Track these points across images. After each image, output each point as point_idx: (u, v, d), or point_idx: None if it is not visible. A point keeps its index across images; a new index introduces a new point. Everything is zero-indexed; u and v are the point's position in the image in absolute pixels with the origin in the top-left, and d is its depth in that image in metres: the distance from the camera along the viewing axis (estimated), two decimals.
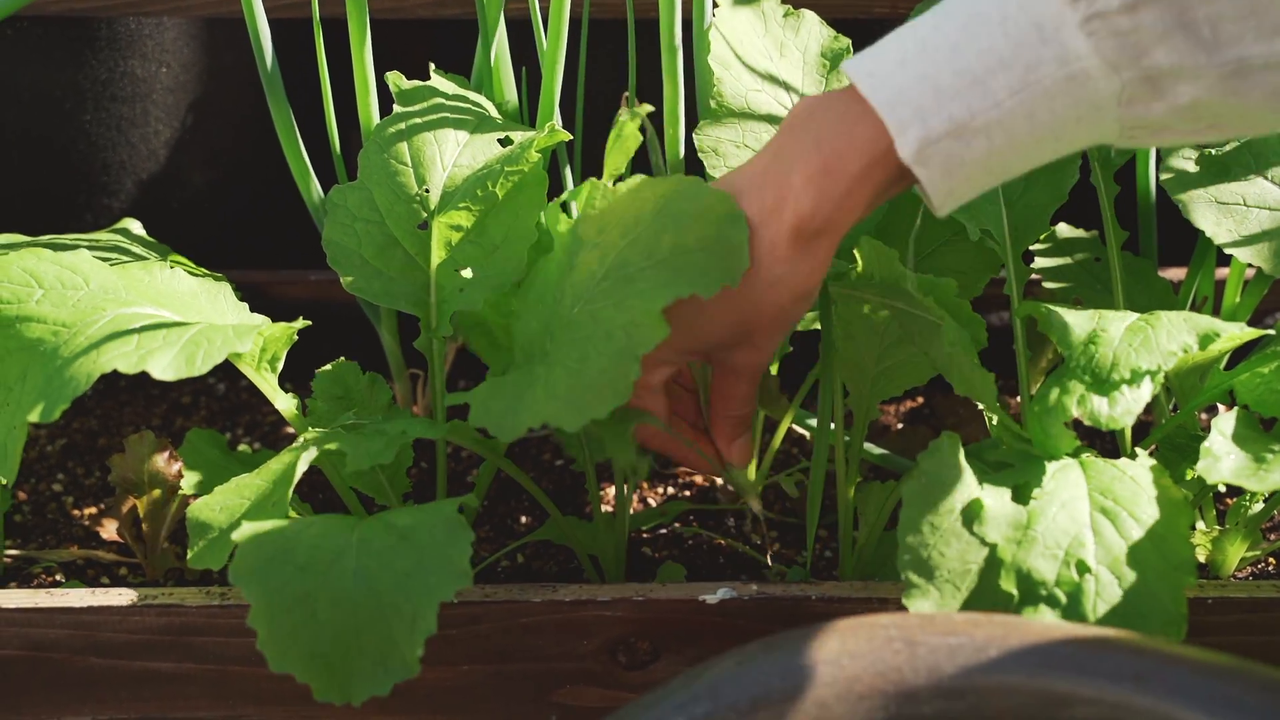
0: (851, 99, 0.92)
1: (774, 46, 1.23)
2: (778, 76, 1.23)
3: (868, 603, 1.05)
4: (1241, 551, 1.22)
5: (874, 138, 0.91)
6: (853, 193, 0.93)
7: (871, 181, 0.93)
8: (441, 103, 1.18)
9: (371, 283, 1.15)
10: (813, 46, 1.24)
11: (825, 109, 0.94)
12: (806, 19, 1.24)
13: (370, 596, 0.93)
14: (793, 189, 0.94)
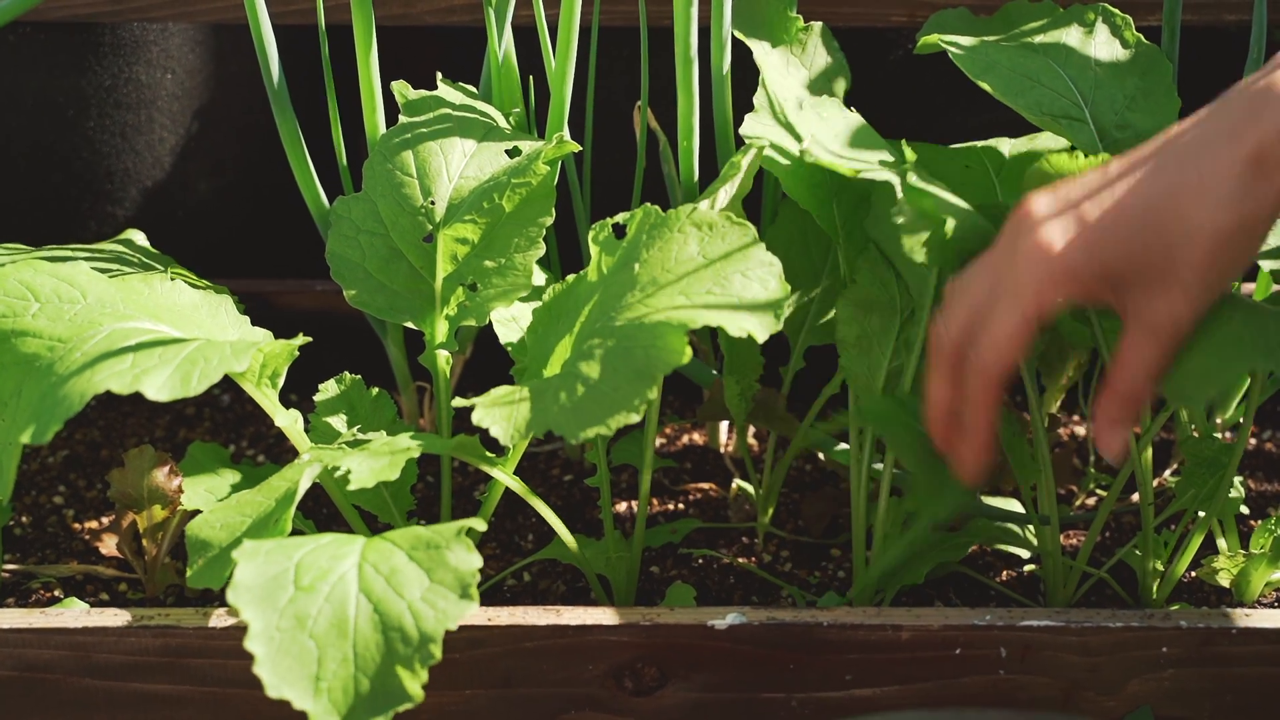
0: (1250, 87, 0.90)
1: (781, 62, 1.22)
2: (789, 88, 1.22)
3: (880, 629, 1.03)
4: (1266, 576, 1.19)
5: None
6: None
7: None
8: (448, 113, 1.16)
9: (375, 297, 1.13)
10: (818, 62, 1.24)
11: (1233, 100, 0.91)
12: (811, 34, 1.23)
13: (372, 621, 0.90)
14: (1260, 116, 0.88)
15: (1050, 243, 0.92)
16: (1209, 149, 0.90)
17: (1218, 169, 0.89)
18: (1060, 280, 0.92)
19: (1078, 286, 0.92)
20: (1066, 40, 1.19)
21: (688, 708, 1.05)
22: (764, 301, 0.97)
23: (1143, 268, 0.91)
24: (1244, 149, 0.88)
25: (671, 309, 0.97)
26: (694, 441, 1.46)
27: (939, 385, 0.99)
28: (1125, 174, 0.93)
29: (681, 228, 1.02)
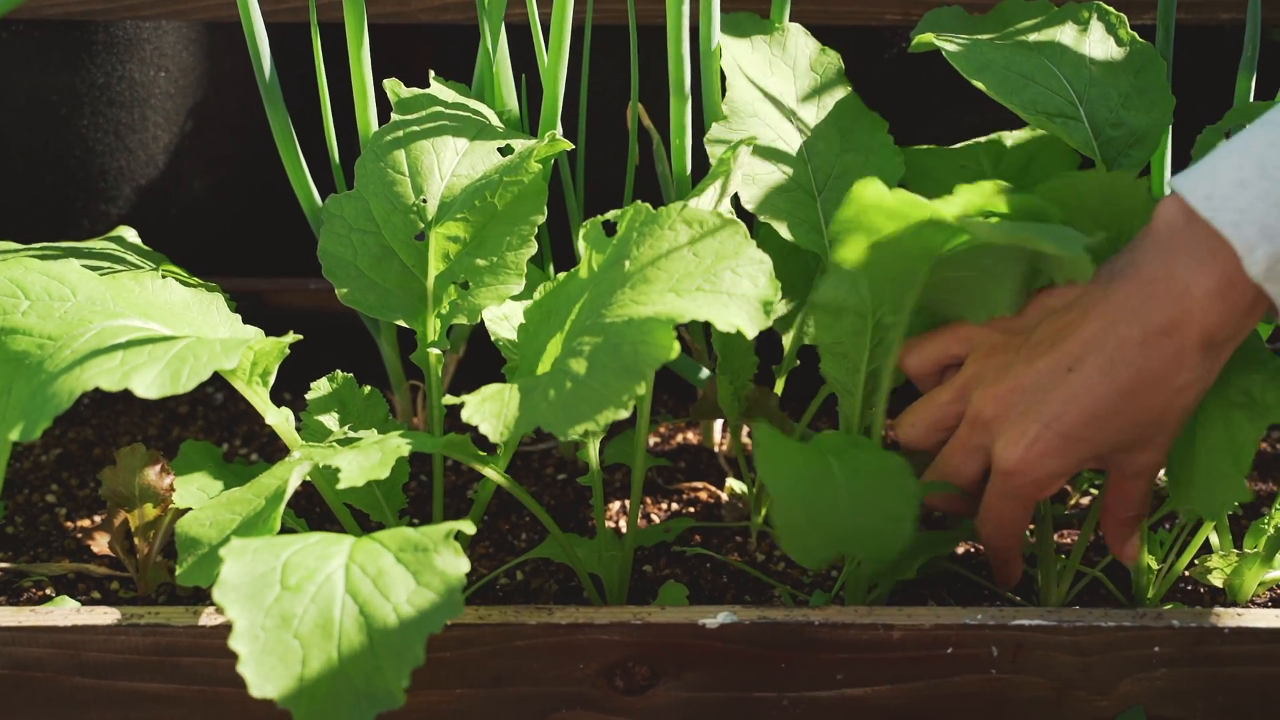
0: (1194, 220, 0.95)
1: (764, 61, 1.23)
2: (773, 86, 1.22)
3: (872, 628, 1.02)
4: (1260, 576, 1.18)
5: (1223, 259, 0.93)
6: (1255, 309, 0.95)
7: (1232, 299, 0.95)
8: (440, 111, 1.15)
9: (367, 295, 1.13)
10: (802, 60, 1.24)
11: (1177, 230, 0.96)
12: (791, 33, 1.24)
13: (357, 622, 0.90)
14: (1198, 303, 0.95)
15: (1029, 461, 1.01)
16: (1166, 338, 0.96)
17: (1172, 361, 0.97)
18: (1046, 486, 1.03)
19: (1062, 481, 1.03)
20: (1061, 38, 1.19)
21: (679, 707, 1.05)
22: (754, 298, 0.97)
23: (1118, 449, 1.02)
24: (1191, 338, 0.96)
25: (661, 305, 0.97)
26: (688, 441, 1.46)
27: None
28: (1073, 366, 0.99)
29: (672, 225, 1.01)
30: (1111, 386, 0.98)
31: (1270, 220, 0.91)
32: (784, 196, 1.19)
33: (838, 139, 1.23)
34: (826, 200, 1.21)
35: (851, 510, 1.02)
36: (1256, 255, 0.91)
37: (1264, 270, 0.92)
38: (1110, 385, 0.98)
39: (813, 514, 1.01)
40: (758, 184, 1.19)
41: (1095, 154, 1.15)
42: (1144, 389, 0.98)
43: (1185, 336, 0.96)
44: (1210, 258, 0.94)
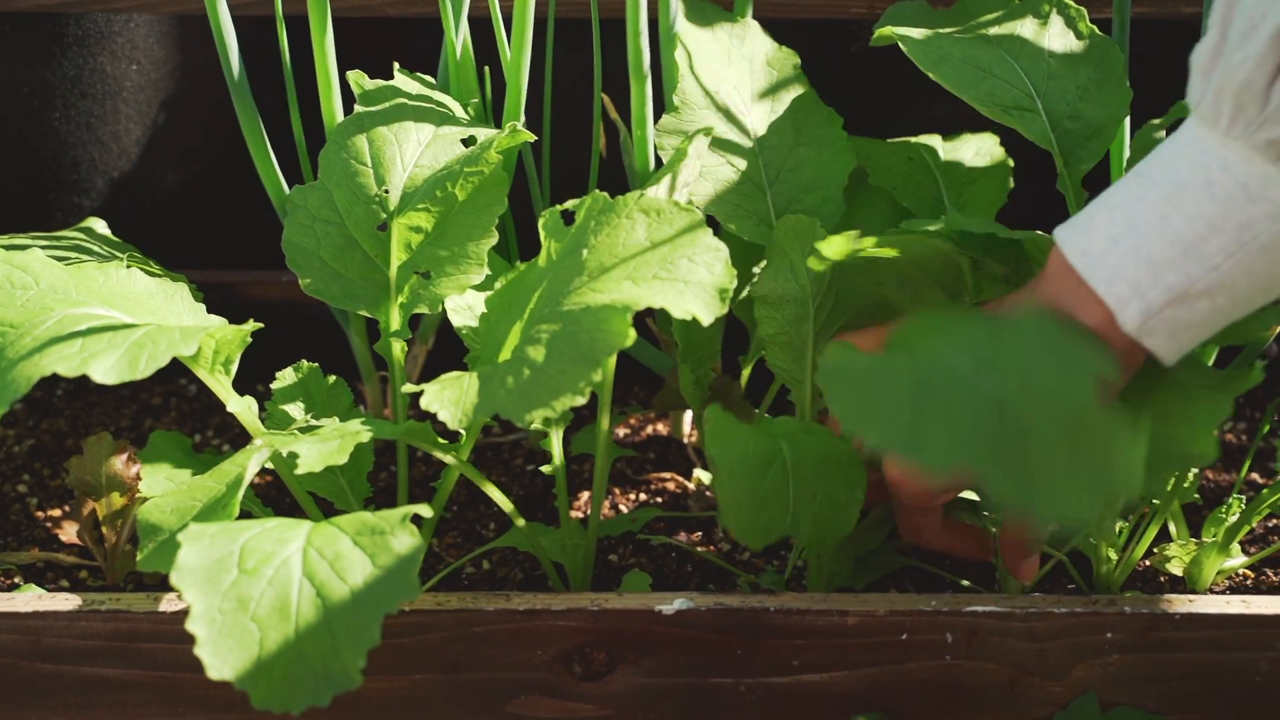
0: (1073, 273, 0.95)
1: (722, 54, 1.24)
2: (729, 80, 1.23)
3: (827, 614, 1.03)
4: (1218, 565, 1.19)
5: (1100, 312, 0.93)
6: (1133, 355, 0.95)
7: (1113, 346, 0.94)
8: (404, 103, 1.16)
9: (330, 285, 1.14)
10: (758, 56, 1.25)
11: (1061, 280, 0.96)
12: (751, 29, 1.25)
13: (314, 605, 0.91)
14: None
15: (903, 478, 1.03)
16: None
17: None
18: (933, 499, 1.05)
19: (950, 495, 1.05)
20: (1021, 32, 1.20)
21: (636, 692, 1.05)
22: (710, 285, 0.98)
23: None
24: None
25: (617, 293, 0.97)
26: (658, 432, 1.46)
27: None
28: None
29: (629, 214, 1.02)
30: None
31: (1140, 277, 0.91)
32: (733, 189, 1.20)
33: (791, 133, 1.24)
34: (777, 193, 1.22)
35: (798, 493, 1.03)
36: (1129, 312, 0.92)
37: (1137, 326, 0.92)
38: None
39: (758, 495, 1.02)
40: (707, 176, 1.20)
41: (1053, 146, 1.16)
42: None
43: None
44: (1090, 309, 0.94)
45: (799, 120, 1.25)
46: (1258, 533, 1.29)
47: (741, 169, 1.21)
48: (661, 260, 0.99)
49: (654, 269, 0.99)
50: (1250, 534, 1.29)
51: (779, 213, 1.22)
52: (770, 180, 1.22)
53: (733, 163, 1.21)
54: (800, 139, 1.24)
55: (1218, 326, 0.93)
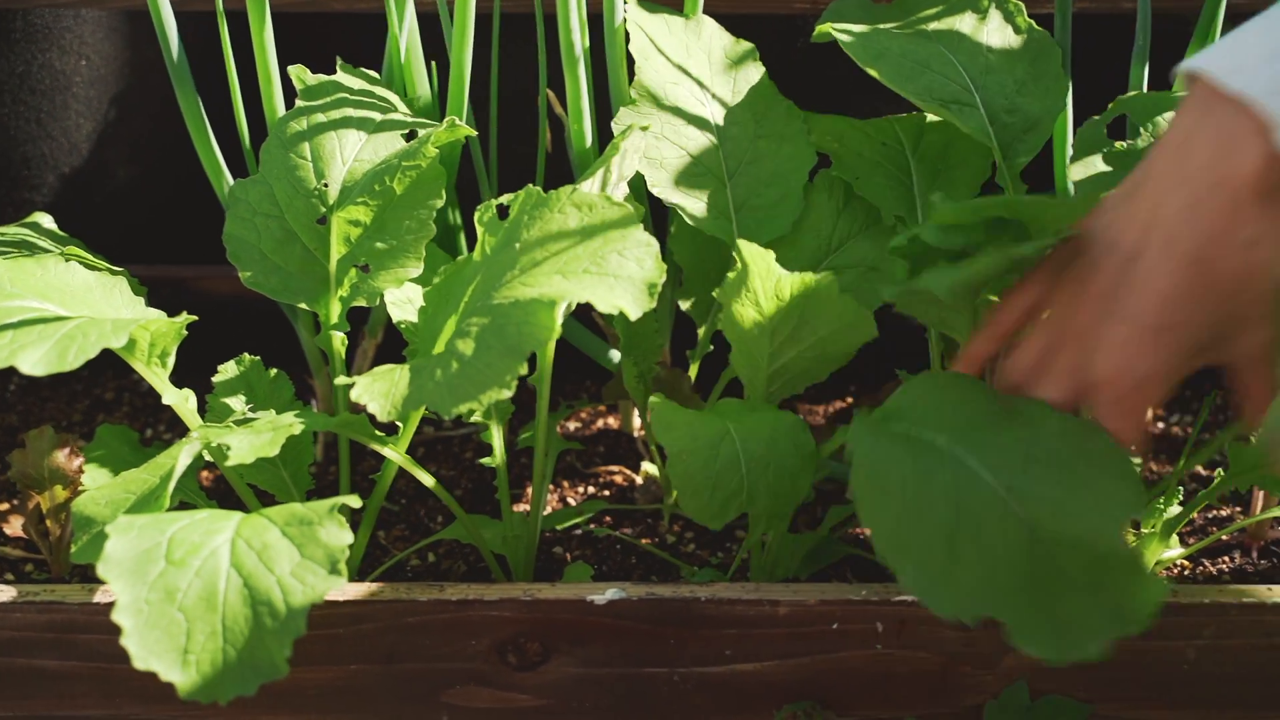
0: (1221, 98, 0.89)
1: (681, 48, 1.24)
2: (690, 72, 1.23)
3: (758, 604, 1.04)
4: (1158, 554, 1.20)
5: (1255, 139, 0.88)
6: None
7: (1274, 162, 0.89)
8: (345, 97, 1.17)
9: (270, 278, 1.14)
10: (715, 49, 1.25)
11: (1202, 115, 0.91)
12: (706, 24, 1.25)
13: (241, 595, 0.92)
14: (1240, 147, 0.89)
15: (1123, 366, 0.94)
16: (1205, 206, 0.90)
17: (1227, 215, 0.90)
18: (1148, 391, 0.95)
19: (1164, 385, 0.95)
20: (959, 27, 1.20)
21: (571, 682, 1.06)
22: (640, 279, 0.99)
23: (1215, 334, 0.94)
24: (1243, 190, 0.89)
25: (547, 287, 0.98)
26: (609, 425, 1.47)
27: None
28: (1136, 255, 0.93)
29: (562, 208, 1.03)
30: (1175, 261, 0.92)
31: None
32: (693, 181, 1.20)
33: (751, 125, 1.24)
34: (737, 185, 1.22)
35: (750, 468, 1.04)
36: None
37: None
38: (1173, 260, 0.92)
39: (711, 474, 1.03)
40: (666, 168, 1.20)
41: (991, 140, 1.17)
42: (1209, 254, 0.91)
43: (1235, 189, 0.90)
44: (1242, 136, 0.88)
45: (759, 112, 1.25)
46: (1198, 524, 1.30)
47: (701, 161, 1.21)
48: (592, 255, 1.00)
49: (584, 263, 1.00)
50: (1190, 525, 1.30)
51: (739, 206, 1.22)
52: (730, 172, 1.22)
53: (692, 154, 1.21)
54: (761, 131, 1.24)
55: None
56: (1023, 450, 0.92)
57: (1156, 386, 0.95)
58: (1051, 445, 0.92)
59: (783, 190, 1.21)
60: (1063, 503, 0.89)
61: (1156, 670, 1.04)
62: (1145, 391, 0.95)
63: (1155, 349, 0.93)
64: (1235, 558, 1.25)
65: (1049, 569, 0.87)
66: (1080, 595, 0.88)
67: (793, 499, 1.04)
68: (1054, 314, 1.00)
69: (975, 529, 0.88)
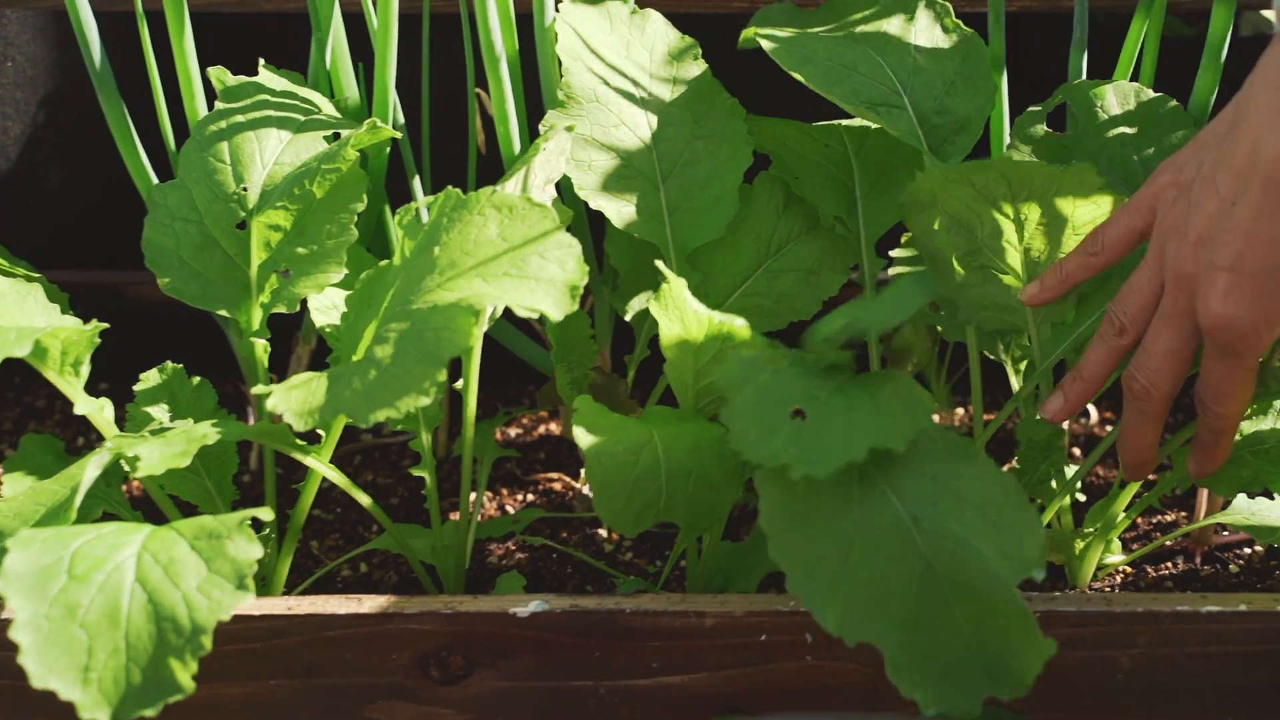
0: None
1: (620, 44, 1.21)
2: (626, 72, 1.20)
3: (684, 616, 1.02)
4: (1097, 560, 1.19)
5: None
6: None
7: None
8: (266, 99, 1.15)
9: (189, 285, 1.12)
10: (659, 46, 1.22)
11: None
12: (652, 19, 1.22)
13: (145, 611, 0.89)
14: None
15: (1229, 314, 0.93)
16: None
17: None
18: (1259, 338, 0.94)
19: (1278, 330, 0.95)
20: (887, 28, 1.18)
21: (495, 696, 1.04)
22: (561, 282, 0.97)
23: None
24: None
25: (467, 291, 0.96)
26: (551, 431, 1.45)
27: None
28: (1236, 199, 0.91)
29: (482, 210, 1.01)
30: (1277, 206, 0.89)
31: None
32: (623, 184, 1.18)
33: (690, 124, 1.21)
34: (671, 188, 1.20)
35: (670, 478, 1.02)
36: None
37: None
38: (1275, 204, 0.89)
39: (629, 481, 1.01)
40: (594, 170, 1.17)
41: (920, 142, 1.15)
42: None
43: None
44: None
45: (699, 112, 1.22)
46: (1143, 529, 1.28)
47: (633, 163, 1.19)
48: (513, 257, 0.98)
49: (505, 266, 0.98)
50: (1136, 530, 1.28)
51: (672, 209, 1.20)
52: (664, 175, 1.20)
53: (623, 156, 1.18)
54: (699, 131, 1.21)
55: None
56: (939, 485, 0.90)
57: (1266, 337, 0.93)
58: (969, 487, 0.90)
59: (718, 192, 1.19)
60: (965, 544, 0.87)
61: (1091, 680, 1.02)
62: (1254, 341, 0.93)
63: (1261, 297, 0.91)
64: (1179, 563, 1.23)
65: (940, 610, 0.86)
66: (965, 644, 0.86)
67: (714, 511, 1.02)
68: (1157, 253, 0.98)
69: (875, 549, 0.86)
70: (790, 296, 1.20)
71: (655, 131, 1.20)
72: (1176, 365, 0.99)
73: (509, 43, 1.17)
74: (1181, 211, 0.95)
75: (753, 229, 1.23)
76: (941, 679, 0.85)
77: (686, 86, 1.21)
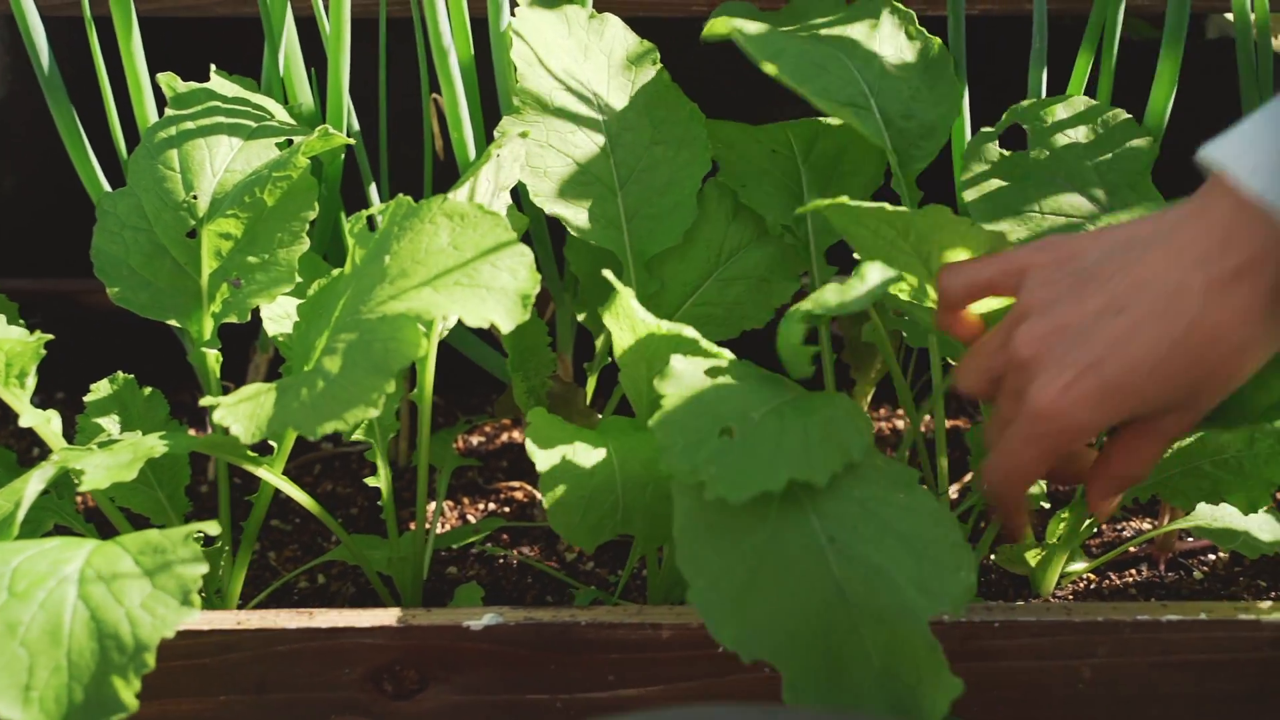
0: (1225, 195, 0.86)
1: (578, 49, 1.19)
2: (583, 77, 1.19)
3: (640, 628, 1.00)
4: (1061, 566, 1.18)
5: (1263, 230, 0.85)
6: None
7: None
8: (217, 105, 1.13)
9: (139, 294, 1.10)
10: (617, 50, 1.21)
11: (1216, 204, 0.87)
12: (610, 23, 1.21)
13: (88, 628, 0.88)
14: (1271, 254, 0.85)
15: (1060, 407, 0.90)
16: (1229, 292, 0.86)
17: (1237, 314, 0.86)
18: (1075, 437, 0.91)
19: (1091, 435, 0.92)
20: (851, 34, 1.17)
21: (451, 711, 1.02)
22: (513, 291, 0.95)
23: (1158, 408, 0.91)
24: (1262, 287, 0.86)
25: (416, 301, 0.95)
26: (514, 440, 1.44)
27: None
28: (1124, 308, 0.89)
29: (433, 219, 0.99)
30: (1164, 335, 0.88)
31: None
32: (580, 190, 1.16)
33: (648, 130, 1.20)
34: (629, 194, 1.18)
35: (626, 489, 1.01)
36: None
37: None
38: (1162, 333, 0.88)
39: (584, 493, 1.00)
40: (550, 177, 1.16)
41: (886, 145, 1.14)
42: (1200, 342, 0.87)
43: (1257, 285, 0.86)
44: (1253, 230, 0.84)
45: (658, 118, 1.20)
46: (1108, 538, 1.28)
47: (590, 169, 1.17)
48: (464, 266, 0.97)
49: (455, 275, 0.96)
50: (1101, 539, 1.27)
51: (630, 216, 1.18)
52: (623, 181, 1.18)
53: (580, 162, 1.17)
54: (657, 137, 1.20)
55: None
56: (862, 509, 0.88)
57: (1080, 437, 0.91)
58: (897, 517, 0.88)
59: (677, 198, 1.17)
60: (881, 572, 0.85)
61: (1052, 691, 1.01)
62: (1070, 438, 0.91)
63: (1100, 404, 0.90)
64: (1142, 570, 1.23)
65: (849, 636, 0.83)
66: (872, 675, 0.84)
67: (669, 525, 1.00)
68: (1014, 319, 0.95)
69: (784, 567, 0.84)
70: (742, 305, 1.19)
71: (612, 137, 1.18)
72: None
73: (463, 47, 1.16)
74: (1052, 293, 0.93)
75: (704, 236, 1.22)
76: (843, 706, 0.83)
77: (645, 91, 1.20)
